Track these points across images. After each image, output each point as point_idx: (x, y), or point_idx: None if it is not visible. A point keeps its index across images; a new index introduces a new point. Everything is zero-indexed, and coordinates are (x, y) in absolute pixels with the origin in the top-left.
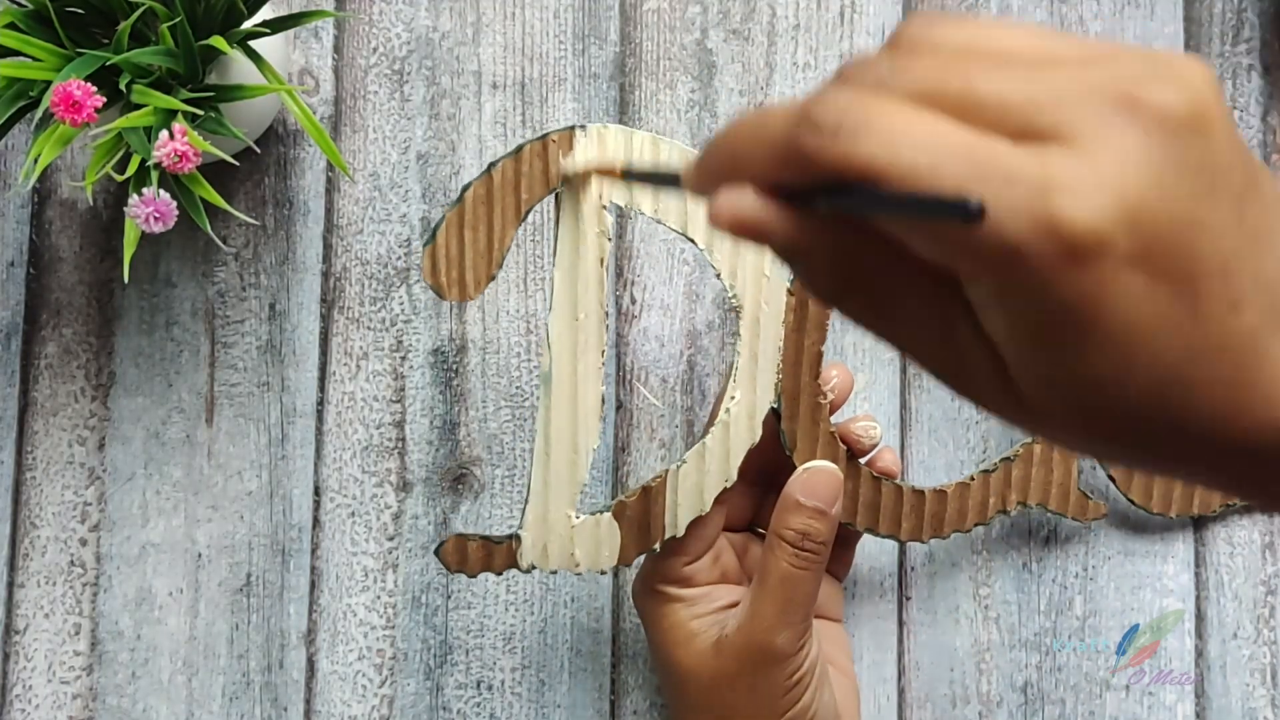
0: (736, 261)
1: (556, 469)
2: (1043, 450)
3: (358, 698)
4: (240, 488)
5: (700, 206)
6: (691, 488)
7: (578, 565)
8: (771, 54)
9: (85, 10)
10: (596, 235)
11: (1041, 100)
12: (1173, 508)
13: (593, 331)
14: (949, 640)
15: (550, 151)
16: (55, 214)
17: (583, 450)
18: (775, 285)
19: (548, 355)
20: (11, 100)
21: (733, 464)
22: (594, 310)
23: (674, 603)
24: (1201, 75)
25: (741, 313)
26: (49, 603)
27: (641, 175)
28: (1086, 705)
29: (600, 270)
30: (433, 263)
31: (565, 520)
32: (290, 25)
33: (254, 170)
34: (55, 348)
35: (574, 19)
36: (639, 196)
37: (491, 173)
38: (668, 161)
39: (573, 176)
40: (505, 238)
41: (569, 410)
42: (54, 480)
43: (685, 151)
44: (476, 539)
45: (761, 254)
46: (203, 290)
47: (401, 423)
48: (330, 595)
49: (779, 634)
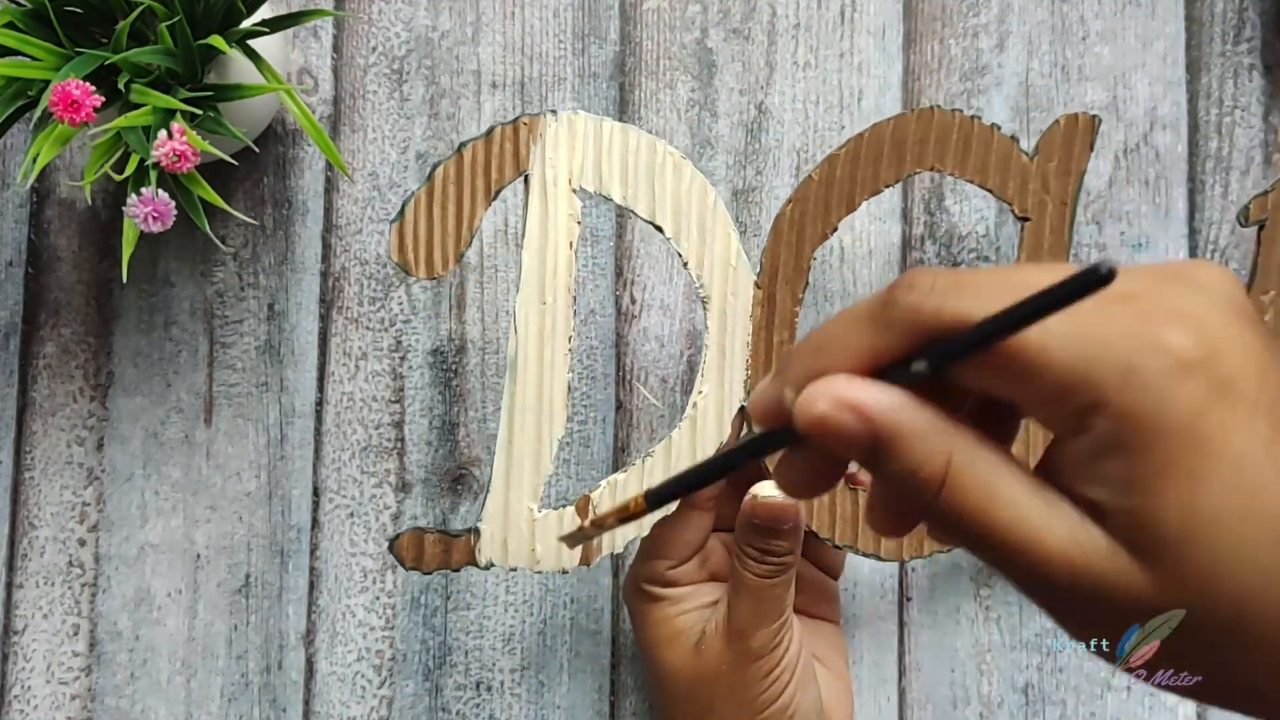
0: (703, 250)
1: (519, 458)
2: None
3: (356, 699)
4: (239, 488)
5: (667, 188)
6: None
7: (538, 562)
8: (772, 53)
9: (84, 10)
10: (566, 218)
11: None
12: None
13: (561, 316)
14: (950, 641)
15: (521, 134)
16: (54, 213)
17: (547, 440)
18: (742, 275)
19: (514, 340)
20: (10, 99)
21: (701, 460)
22: (562, 294)
23: (659, 601)
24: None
25: (709, 304)
26: (48, 603)
27: (669, 489)
28: (1088, 706)
29: (570, 254)
30: (399, 239)
31: (527, 513)
32: (289, 24)
33: (253, 170)
34: (54, 347)
35: (574, 18)
36: (608, 182)
37: (462, 153)
38: (635, 151)
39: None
40: (474, 217)
41: (535, 397)
42: (52, 480)
43: (654, 140)
44: (434, 533)
45: (728, 242)
46: (201, 290)
47: (400, 423)
48: (329, 596)
49: (753, 636)
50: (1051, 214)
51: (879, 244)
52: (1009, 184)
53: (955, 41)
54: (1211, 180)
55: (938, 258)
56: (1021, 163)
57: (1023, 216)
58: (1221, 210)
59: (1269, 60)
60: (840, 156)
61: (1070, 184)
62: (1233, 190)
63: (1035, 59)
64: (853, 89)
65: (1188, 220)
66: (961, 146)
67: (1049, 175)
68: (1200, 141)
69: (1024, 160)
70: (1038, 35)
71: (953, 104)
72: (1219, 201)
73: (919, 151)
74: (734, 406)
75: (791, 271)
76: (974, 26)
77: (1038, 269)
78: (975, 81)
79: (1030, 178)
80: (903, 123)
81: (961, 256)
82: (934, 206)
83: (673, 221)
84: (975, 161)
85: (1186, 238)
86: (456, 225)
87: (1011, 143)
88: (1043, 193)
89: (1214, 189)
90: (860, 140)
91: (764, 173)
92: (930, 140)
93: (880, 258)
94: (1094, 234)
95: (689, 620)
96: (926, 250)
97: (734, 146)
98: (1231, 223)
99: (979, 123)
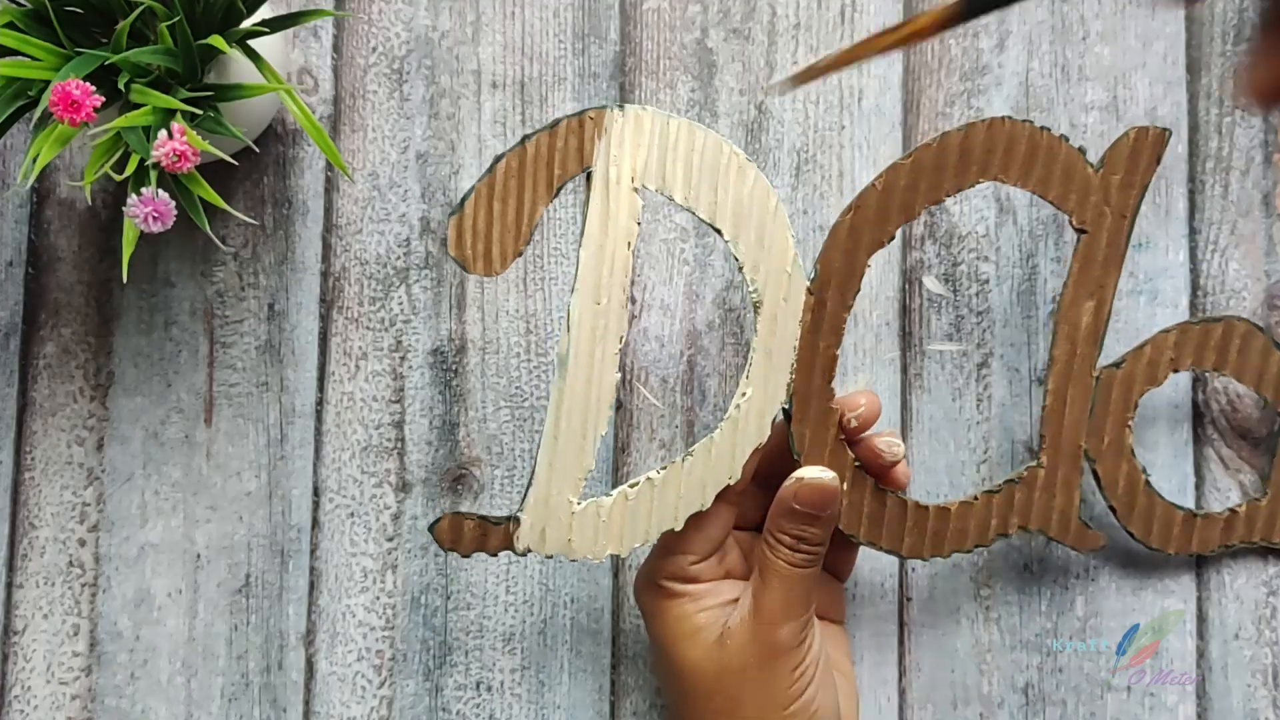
0: (760, 255)
1: (563, 453)
2: (1046, 475)
3: (357, 699)
4: (239, 488)
5: (730, 191)
6: (694, 482)
7: (574, 552)
8: (772, 53)
9: (84, 10)
10: (627, 217)
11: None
12: (1171, 545)
13: (614, 317)
14: (950, 641)
15: (586, 129)
16: (54, 213)
17: (591, 436)
18: (796, 282)
19: (566, 337)
20: (10, 100)
21: (738, 461)
22: (617, 295)
23: (679, 598)
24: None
25: (760, 308)
26: (48, 603)
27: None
28: (1088, 706)
29: (628, 254)
30: (458, 234)
31: (566, 505)
32: (289, 24)
33: (253, 170)
34: (54, 348)
35: (574, 18)
36: (671, 182)
37: (525, 145)
38: (701, 151)
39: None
40: (535, 212)
41: (583, 395)
42: (52, 481)
43: (720, 139)
44: (474, 518)
45: (786, 248)
46: (201, 290)
47: (401, 423)
48: (329, 596)
49: (782, 627)
50: (1110, 226)
51: None
52: (1070, 196)
53: (955, 41)
54: (1211, 180)
55: (938, 258)
56: (1086, 174)
57: (1080, 229)
58: (1221, 210)
59: None
60: (904, 166)
61: (1133, 197)
62: (1233, 190)
63: (1035, 59)
64: (853, 89)
65: (1188, 220)
66: (1028, 157)
67: (1112, 188)
68: (1200, 141)
69: (1088, 172)
70: (1038, 35)
71: (952, 104)
72: (1219, 201)
73: (985, 162)
74: (775, 409)
75: (845, 278)
76: (974, 26)
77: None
78: (975, 81)
79: (1093, 190)
80: (973, 132)
81: (961, 256)
82: (934, 206)
83: (732, 225)
84: (1040, 172)
85: (1186, 238)
86: (516, 220)
87: (1079, 154)
88: (1103, 205)
89: (1214, 189)
90: (927, 149)
91: (764, 172)
92: (998, 151)
93: (880, 258)
94: None
95: (709, 617)
96: (927, 250)
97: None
98: (1232, 222)
99: (1048, 134)
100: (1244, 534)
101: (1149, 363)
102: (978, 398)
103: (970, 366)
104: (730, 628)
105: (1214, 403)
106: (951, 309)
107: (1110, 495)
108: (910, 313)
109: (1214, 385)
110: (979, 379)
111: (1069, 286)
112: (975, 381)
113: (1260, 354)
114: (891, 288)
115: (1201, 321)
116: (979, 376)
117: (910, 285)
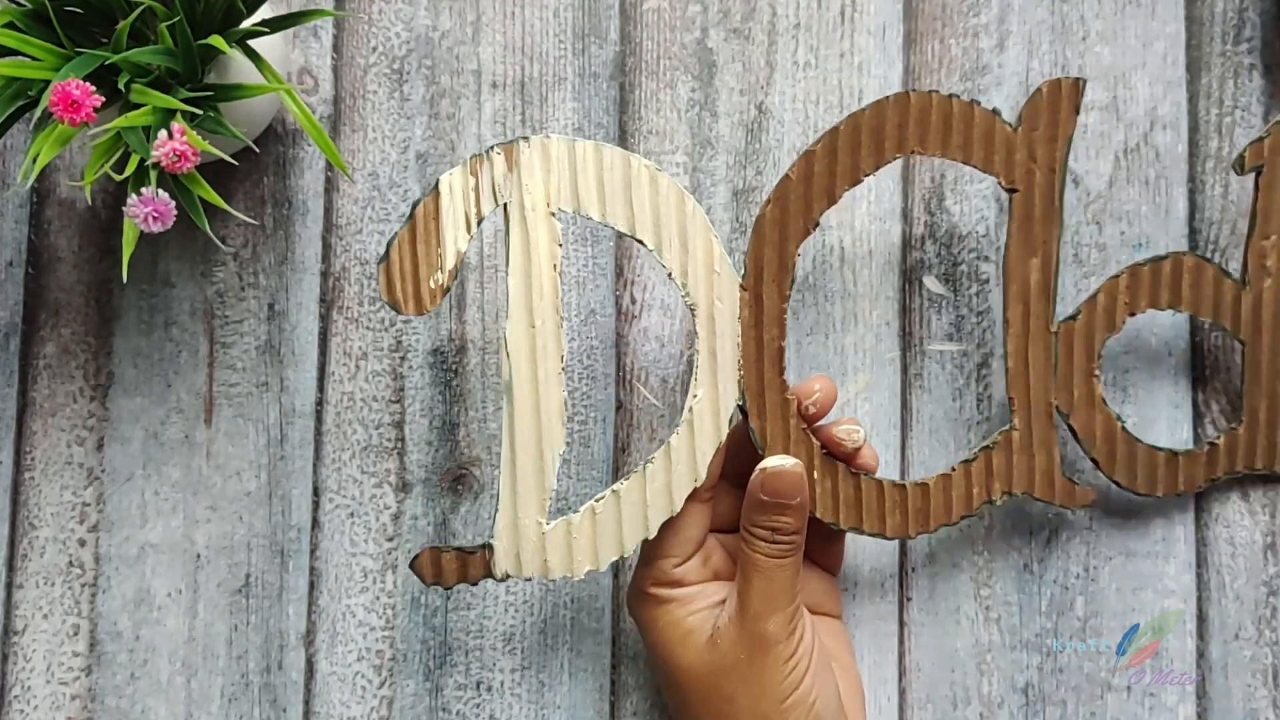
0: (685, 258)
1: (524, 476)
2: (1022, 437)
3: (357, 699)
4: (239, 488)
5: (645, 201)
6: (660, 488)
7: (551, 572)
8: (772, 53)
9: (84, 9)
10: (548, 242)
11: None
12: (1159, 487)
13: (550, 337)
14: (950, 641)
15: (495, 163)
16: (54, 213)
17: (549, 456)
18: (727, 280)
19: (507, 364)
20: (10, 99)
21: (700, 463)
22: (550, 316)
23: (668, 604)
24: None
25: (696, 310)
26: (48, 603)
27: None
28: (1088, 706)
29: (554, 276)
30: (388, 280)
31: (536, 527)
32: (289, 24)
33: (253, 170)
34: (54, 348)
35: (574, 18)
36: (586, 202)
37: (439, 188)
38: (610, 168)
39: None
40: (458, 252)
41: (532, 417)
42: (52, 481)
43: (628, 154)
44: (450, 550)
45: (710, 247)
46: (201, 290)
47: (401, 423)
48: (329, 596)
49: (768, 621)
50: (1040, 182)
51: (879, 244)
52: (994, 157)
53: (955, 41)
54: (1211, 180)
55: (938, 258)
56: (1005, 134)
57: (1010, 188)
58: (1221, 210)
59: (1269, 60)
60: (816, 152)
61: (1058, 150)
62: (1233, 190)
63: (1035, 59)
64: (853, 89)
65: (1188, 220)
66: (941, 126)
67: (1035, 143)
68: (1200, 141)
69: (1007, 131)
70: (1038, 35)
71: None
72: (1219, 201)
73: (898, 136)
74: (730, 408)
75: (777, 270)
76: (974, 26)
77: None
78: (975, 81)
79: (1015, 148)
80: (878, 109)
81: (961, 256)
82: (934, 206)
83: (653, 234)
84: (957, 139)
85: (1186, 238)
86: (440, 261)
87: (993, 115)
88: (1029, 162)
89: (1214, 189)
90: (836, 133)
91: (764, 173)
92: (909, 124)
93: (880, 258)
94: (1094, 234)
95: (699, 619)
96: (927, 250)
97: (734, 146)
98: (1232, 222)
99: (957, 100)
100: (1227, 465)
101: (1104, 310)
102: (978, 398)
103: (970, 366)
104: (719, 627)
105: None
106: (951, 309)
107: (1089, 448)
108: (910, 313)
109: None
110: (979, 379)
111: (1010, 247)
112: (975, 381)
113: (1212, 285)
114: (891, 288)
115: (1150, 261)
116: (979, 376)
117: (910, 285)
